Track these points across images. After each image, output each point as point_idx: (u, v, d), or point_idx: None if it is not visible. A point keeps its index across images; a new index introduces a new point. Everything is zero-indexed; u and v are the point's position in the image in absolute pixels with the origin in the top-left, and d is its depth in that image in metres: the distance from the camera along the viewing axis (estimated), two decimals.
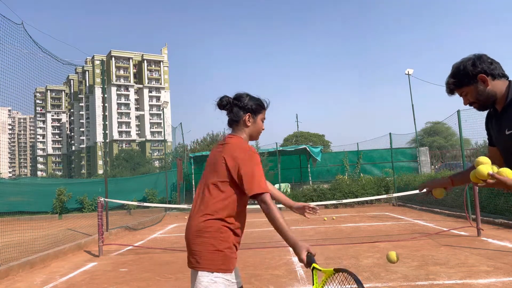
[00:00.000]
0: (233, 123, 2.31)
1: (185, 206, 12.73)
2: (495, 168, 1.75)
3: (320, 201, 15.46)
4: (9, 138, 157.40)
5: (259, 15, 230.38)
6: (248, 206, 2.32)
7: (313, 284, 1.82)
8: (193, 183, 19.02)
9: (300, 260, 1.92)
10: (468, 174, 2.21)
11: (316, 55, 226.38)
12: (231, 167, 2.11)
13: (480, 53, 1.91)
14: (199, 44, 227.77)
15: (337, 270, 1.76)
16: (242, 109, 2.28)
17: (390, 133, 16.97)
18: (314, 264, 1.84)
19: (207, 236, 2.06)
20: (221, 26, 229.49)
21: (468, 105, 1.98)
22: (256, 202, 2.12)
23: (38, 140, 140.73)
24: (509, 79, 1.91)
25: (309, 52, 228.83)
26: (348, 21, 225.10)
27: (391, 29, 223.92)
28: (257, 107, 2.31)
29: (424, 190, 2.29)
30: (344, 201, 9.90)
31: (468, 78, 1.88)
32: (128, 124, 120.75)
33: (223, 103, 2.29)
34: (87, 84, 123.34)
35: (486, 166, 1.75)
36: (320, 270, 1.82)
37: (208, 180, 2.17)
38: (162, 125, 26.93)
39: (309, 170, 20.48)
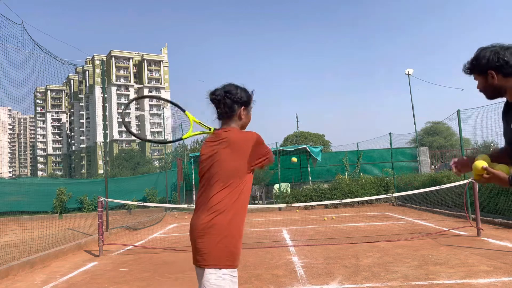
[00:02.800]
0: (226, 116, 2.25)
1: (185, 206, 12.76)
2: (494, 166, 1.80)
3: (320, 201, 15.46)
4: (9, 138, 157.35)
5: (259, 15, 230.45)
6: (247, 206, 2.31)
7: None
8: (193, 183, 19.01)
9: None
10: (493, 156, 2.14)
11: (316, 54, 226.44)
12: (247, 159, 2.10)
13: (508, 45, 1.86)
14: (199, 44, 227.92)
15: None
16: (236, 102, 2.22)
17: (390, 133, 16.98)
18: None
19: (214, 233, 2.05)
20: (221, 26, 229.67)
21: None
22: (255, 201, 2.14)
23: (38, 140, 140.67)
24: None
25: (310, 52, 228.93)
26: (348, 20, 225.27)
27: (391, 28, 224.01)
28: (249, 99, 2.27)
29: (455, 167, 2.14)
30: (344, 201, 9.90)
31: (479, 69, 1.89)
32: (128, 124, 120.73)
33: (218, 98, 2.22)
34: (87, 84, 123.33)
35: (481, 161, 1.83)
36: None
37: (213, 177, 2.12)
38: (162, 125, 26.91)
39: (309, 170, 20.46)
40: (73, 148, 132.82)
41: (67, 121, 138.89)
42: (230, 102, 2.22)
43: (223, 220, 2.06)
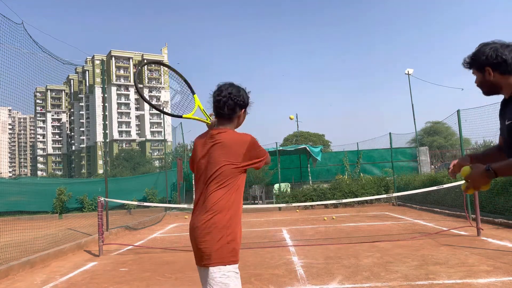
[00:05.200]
0: (226, 117, 2.25)
1: (185, 206, 12.75)
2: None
3: (320, 200, 15.46)
4: (9, 138, 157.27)
5: (259, 15, 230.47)
6: (247, 206, 2.34)
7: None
8: (193, 183, 18.99)
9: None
10: (488, 154, 2.15)
11: (316, 54, 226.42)
12: (241, 160, 2.14)
13: (509, 43, 1.87)
14: (199, 44, 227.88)
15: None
16: (238, 105, 2.24)
17: (390, 133, 16.98)
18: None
19: (215, 232, 2.08)
20: (221, 25, 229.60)
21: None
22: (255, 201, 2.16)
23: (38, 140, 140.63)
24: None
25: (310, 52, 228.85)
26: (348, 20, 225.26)
27: (391, 28, 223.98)
28: (248, 101, 2.31)
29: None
30: (344, 200, 9.90)
31: (477, 64, 1.92)
32: (128, 124, 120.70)
33: (224, 100, 2.21)
34: (87, 84, 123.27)
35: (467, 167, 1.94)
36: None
37: (209, 178, 2.16)
38: (162, 125, 26.91)
39: (309, 169, 20.46)
40: (73, 148, 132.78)
41: (67, 121, 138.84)
42: (233, 104, 2.22)
43: (222, 219, 2.09)
